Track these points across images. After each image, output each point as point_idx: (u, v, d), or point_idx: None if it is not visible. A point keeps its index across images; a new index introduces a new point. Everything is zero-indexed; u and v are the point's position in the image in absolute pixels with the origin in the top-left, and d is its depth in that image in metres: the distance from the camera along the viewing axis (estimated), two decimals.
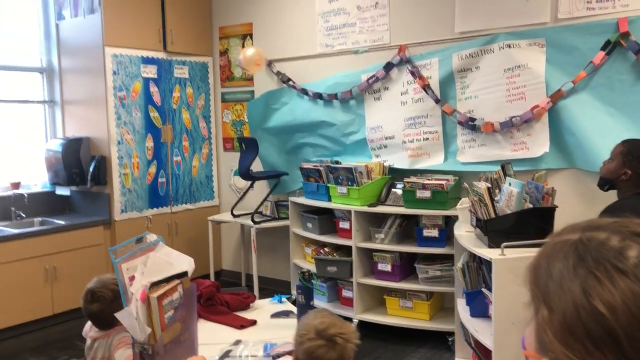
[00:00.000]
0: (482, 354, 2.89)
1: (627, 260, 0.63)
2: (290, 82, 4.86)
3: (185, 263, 1.81)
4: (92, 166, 4.58)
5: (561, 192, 2.97)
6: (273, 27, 5.04)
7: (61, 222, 4.45)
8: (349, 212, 4.10)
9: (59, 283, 4.29)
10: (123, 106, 4.70)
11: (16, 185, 4.63)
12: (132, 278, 1.67)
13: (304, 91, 4.74)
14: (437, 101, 4.04)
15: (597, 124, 3.45)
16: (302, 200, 4.48)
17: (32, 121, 4.89)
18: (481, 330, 2.84)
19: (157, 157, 5.01)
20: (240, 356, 2.06)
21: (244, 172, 4.77)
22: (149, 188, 4.94)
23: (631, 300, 0.61)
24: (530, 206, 2.73)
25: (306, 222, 4.49)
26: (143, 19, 4.82)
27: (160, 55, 4.97)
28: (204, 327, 2.30)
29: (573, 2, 3.55)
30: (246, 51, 4.75)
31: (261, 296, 4.25)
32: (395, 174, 4.25)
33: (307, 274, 2.25)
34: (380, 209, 4.06)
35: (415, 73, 4.12)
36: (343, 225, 4.21)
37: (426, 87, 4.08)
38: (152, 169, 4.97)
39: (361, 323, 4.01)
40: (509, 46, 3.75)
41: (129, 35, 4.71)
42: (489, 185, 2.90)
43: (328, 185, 4.27)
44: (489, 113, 3.86)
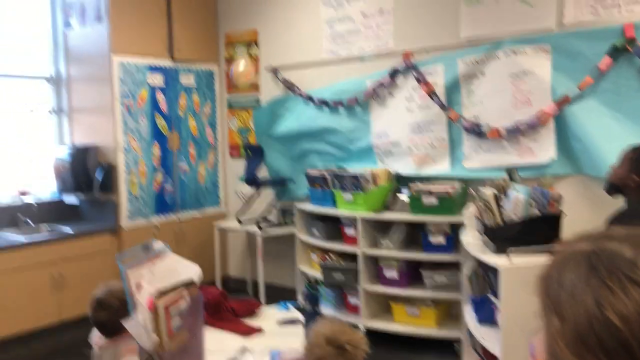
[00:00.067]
0: None
1: None
2: (295, 89, 4.88)
3: (191, 271, 1.82)
4: (100, 174, 4.60)
5: (567, 198, 2.96)
6: (278, 34, 5.07)
7: (68, 230, 4.46)
8: (355, 219, 4.10)
9: (66, 290, 4.30)
10: (130, 114, 4.73)
11: (24, 193, 4.66)
12: (139, 286, 1.68)
13: (310, 98, 4.75)
14: (443, 107, 4.04)
15: (604, 130, 3.44)
16: (308, 206, 4.48)
17: (41, 129, 4.93)
18: (488, 337, 2.83)
19: (164, 165, 5.03)
20: None
21: (250, 179, 4.78)
22: (156, 195, 4.96)
23: None
24: (537, 212, 2.72)
25: (312, 229, 4.49)
26: (149, 27, 4.85)
27: (166, 63, 5.00)
28: (211, 335, 2.30)
29: (578, 8, 3.55)
30: (238, 66, 4.92)
31: (268, 303, 4.24)
32: (401, 181, 4.25)
33: (314, 282, 2.25)
34: (386, 216, 4.06)
35: (420, 79, 4.13)
36: (349, 231, 4.20)
37: (432, 94, 4.08)
38: (159, 176, 4.99)
39: (367, 330, 4.00)
40: (515, 52, 3.75)
41: (136, 43, 4.75)
42: (496, 191, 2.89)
43: (334, 191, 4.27)
44: (495, 119, 3.86)
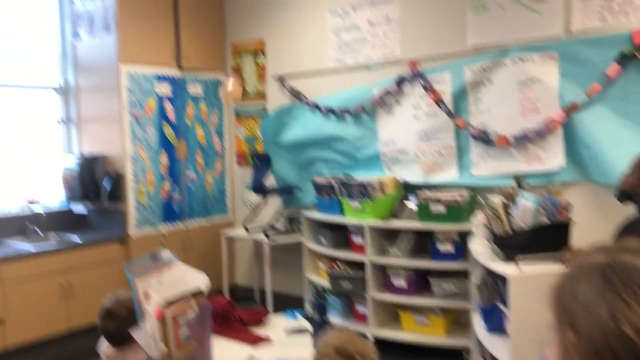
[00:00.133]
0: None
1: None
2: (302, 97, 4.89)
3: (199, 280, 1.82)
4: (108, 183, 4.62)
5: (577, 206, 2.94)
6: (285, 43, 5.09)
7: (77, 239, 4.48)
8: (363, 227, 4.09)
9: (75, 299, 4.31)
10: (138, 123, 4.75)
11: (33, 202, 4.68)
12: (147, 295, 1.68)
13: (316, 106, 4.76)
14: (450, 115, 4.03)
15: (613, 137, 3.42)
16: (316, 214, 4.47)
17: (49, 139, 4.96)
18: (498, 346, 2.80)
19: (172, 173, 5.05)
20: None
21: (257, 187, 4.79)
22: (164, 204, 4.97)
23: None
24: (546, 221, 2.70)
25: (319, 237, 4.48)
26: (157, 37, 4.89)
27: (174, 72, 5.03)
28: (218, 344, 2.29)
29: (586, 15, 3.54)
30: (227, 86, 5.09)
31: (275, 312, 4.23)
32: (408, 188, 4.24)
33: (322, 290, 2.24)
34: (394, 224, 4.04)
35: (427, 87, 4.12)
36: (356, 240, 4.19)
37: (439, 101, 4.07)
38: (167, 185, 5.01)
39: (375, 339, 3.97)
40: (522, 59, 3.74)
41: (144, 53, 4.78)
42: (504, 200, 2.87)
43: (341, 199, 4.26)
44: (503, 126, 3.84)
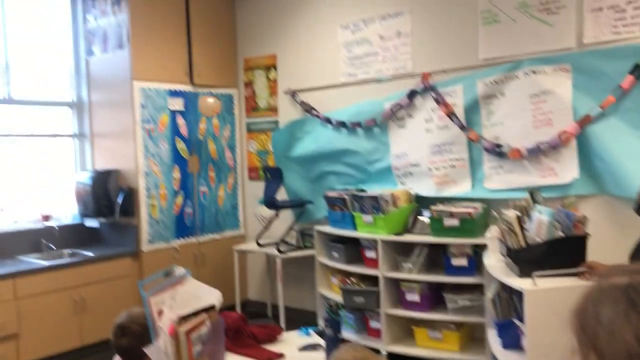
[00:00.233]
0: None
1: None
2: (313, 111, 4.90)
3: (213, 296, 1.81)
4: (121, 198, 4.65)
5: (592, 219, 2.90)
6: (297, 58, 5.11)
7: (90, 254, 4.50)
8: (375, 241, 4.06)
9: (88, 314, 4.32)
10: (151, 138, 4.78)
11: (47, 217, 4.72)
12: (161, 312, 1.67)
13: (328, 120, 4.76)
14: (463, 128, 4.02)
15: (627, 149, 3.39)
16: (328, 229, 4.45)
17: (63, 154, 5.01)
18: None
19: (184, 188, 5.07)
20: None
21: (269, 201, 4.79)
22: (176, 218, 4.99)
23: None
24: (561, 235, 2.67)
25: (332, 251, 4.46)
26: (170, 53, 4.93)
27: (186, 87, 5.07)
28: None
29: (598, 27, 3.52)
30: (206, 100, 5.03)
31: (288, 327, 4.19)
32: (421, 202, 4.21)
33: (335, 306, 2.23)
34: (407, 238, 4.02)
35: (439, 100, 4.12)
36: (369, 254, 4.16)
37: (451, 114, 4.06)
38: (179, 200, 5.02)
39: (389, 354, 3.93)
40: (534, 72, 3.73)
41: (157, 69, 4.83)
42: (519, 213, 2.85)
43: (353, 213, 4.25)
44: (516, 139, 3.82)
